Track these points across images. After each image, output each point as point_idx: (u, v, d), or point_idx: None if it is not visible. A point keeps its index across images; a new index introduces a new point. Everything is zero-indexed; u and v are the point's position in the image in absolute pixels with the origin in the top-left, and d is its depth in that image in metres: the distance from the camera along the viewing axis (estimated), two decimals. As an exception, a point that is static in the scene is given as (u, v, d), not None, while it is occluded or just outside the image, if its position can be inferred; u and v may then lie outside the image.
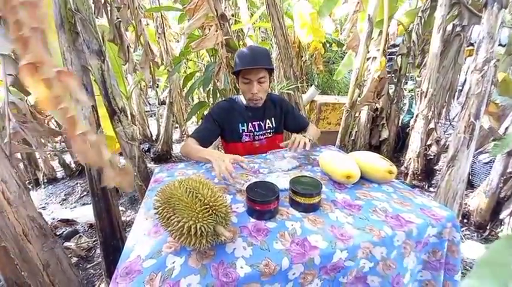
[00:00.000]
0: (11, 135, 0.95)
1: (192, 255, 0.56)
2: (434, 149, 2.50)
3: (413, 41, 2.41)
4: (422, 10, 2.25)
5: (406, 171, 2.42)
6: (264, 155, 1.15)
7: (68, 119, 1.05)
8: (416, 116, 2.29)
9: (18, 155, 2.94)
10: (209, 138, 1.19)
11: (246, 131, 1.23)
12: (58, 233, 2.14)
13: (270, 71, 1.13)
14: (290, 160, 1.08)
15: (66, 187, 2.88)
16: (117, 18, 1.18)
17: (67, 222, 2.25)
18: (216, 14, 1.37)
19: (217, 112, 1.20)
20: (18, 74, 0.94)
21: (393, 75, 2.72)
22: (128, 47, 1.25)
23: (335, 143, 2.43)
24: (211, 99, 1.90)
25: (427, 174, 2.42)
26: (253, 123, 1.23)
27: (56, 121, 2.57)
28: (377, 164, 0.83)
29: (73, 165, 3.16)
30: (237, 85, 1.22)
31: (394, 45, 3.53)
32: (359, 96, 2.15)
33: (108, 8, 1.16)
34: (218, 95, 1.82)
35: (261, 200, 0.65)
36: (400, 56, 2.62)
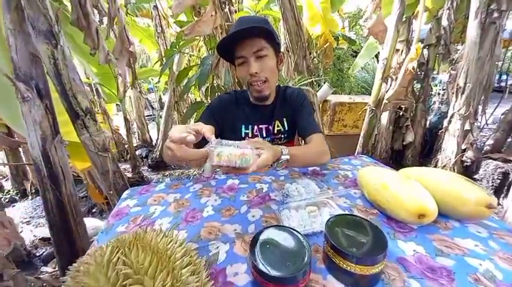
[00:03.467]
0: None
1: None
2: (470, 154, 2.14)
3: (443, 28, 2.07)
4: (455, -8, 1.92)
5: (439, 181, 2.07)
6: (276, 170, 0.85)
7: None
8: (451, 116, 1.95)
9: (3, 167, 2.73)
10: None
11: (249, 135, 0.93)
12: (38, 254, 1.88)
13: (274, 44, 0.81)
14: (312, 178, 0.77)
15: (54, 198, 2.63)
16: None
17: (48, 241, 1.99)
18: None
19: (216, 106, 0.92)
20: None
21: (418, 70, 2.38)
22: (96, 30, 0.97)
23: (354, 149, 2.10)
24: (210, 98, 1.61)
25: (464, 184, 2.06)
26: (260, 126, 0.93)
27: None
28: (464, 192, 0.51)
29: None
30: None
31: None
32: (386, 92, 1.81)
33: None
34: (218, 93, 1.53)
35: (280, 276, 0.34)
36: (427, 48, 2.28)
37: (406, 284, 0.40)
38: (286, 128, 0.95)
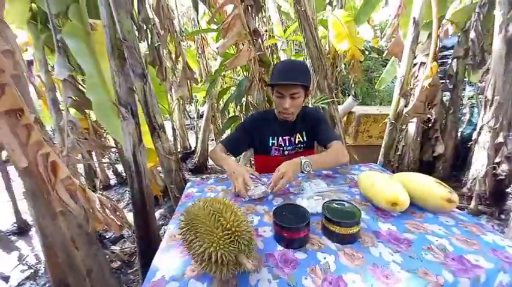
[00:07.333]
0: (69, 149, 1.08)
1: (213, 283, 0.53)
2: (505, 167, 2.07)
3: (471, 40, 2.10)
4: (480, 5, 1.96)
5: (469, 193, 2.05)
6: (305, 173, 1.09)
7: (51, 163, 0.79)
8: (481, 128, 1.95)
9: (79, 166, 3.42)
10: (238, 147, 1.20)
11: (275, 144, 1.20)
12: (107, 237, 2.36)
13: (307, 88, 1.08)
14: (324, 179, 0.99)
15: (117, 193, 3.20)
16: (157, 42, 1.30)
17: (115, 226, 2.48)
18: (248, 30, 1.40)
19: (249, 122, 1.22)
20: (76, 96, 1.09)
21: (447, 81, 2.40)
22: (165, 68, 1.36)
23: (377, 159, 2.21)
24: (245, 113, 1.93)
25: (496, 198, 2.01)
26: (284, 137, 1.20)
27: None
28: (432, 189, 0.70)
29: (124, 174, 3.53)
30: (271, 97, 1.20)
31: (445, 48, 3.13)
32: (405, 106, 1.92)
33: (149, 34, 1.29)
34: (251, 109, 1.84)
35: (289, 226, 0.59)
36: (455, 59, 2.31)
37: (375, 245, 0.61)
38: (305, 139, 1.20)
